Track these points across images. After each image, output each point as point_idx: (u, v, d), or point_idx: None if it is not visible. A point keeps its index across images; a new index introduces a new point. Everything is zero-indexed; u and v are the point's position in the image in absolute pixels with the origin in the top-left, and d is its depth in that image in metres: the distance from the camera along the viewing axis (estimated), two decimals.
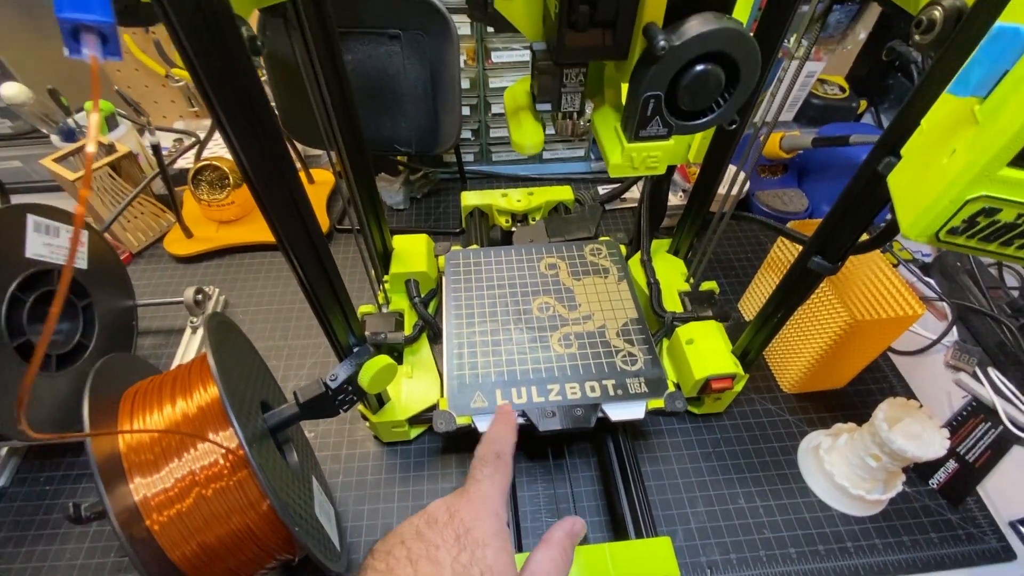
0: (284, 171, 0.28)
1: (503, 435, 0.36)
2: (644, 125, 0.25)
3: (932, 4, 0.26)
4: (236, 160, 0.26)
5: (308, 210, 0.30)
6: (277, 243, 0.31)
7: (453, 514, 0.30)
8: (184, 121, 0.88)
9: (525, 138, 0.28)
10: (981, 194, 0.21)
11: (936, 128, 0.24)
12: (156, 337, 0.61)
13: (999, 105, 0.20)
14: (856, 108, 0.85)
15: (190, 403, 0.32)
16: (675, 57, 0.22)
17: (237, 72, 0.22)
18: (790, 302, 0.41)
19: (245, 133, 0.25)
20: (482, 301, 0.50)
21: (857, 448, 0.46)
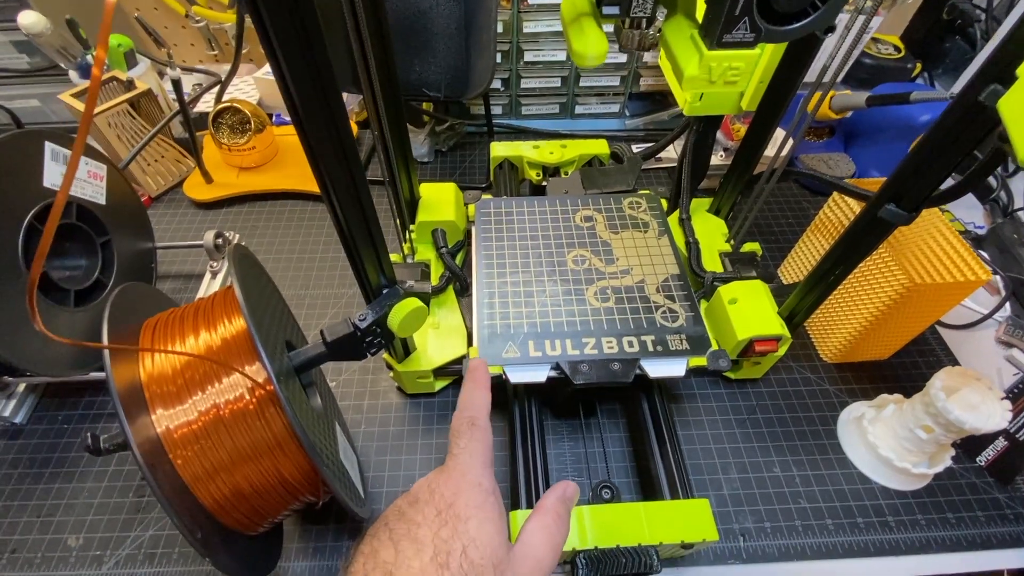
0: (335, 112, 0.26)
1: (475, 399, 0.34)
2: (729, 28, 0.22)
3: None
4: (288, 102, 0.24)
5: (354, 152, 0.28)
6: (319, 185, 0.29)
7: (434, 490, 0.29)
8: (203, 64, 0.85)
9: (588, 47, 0.25)
10: None
11: None
12: (176, 281, 0.60)
13: None
14: (911, 70, 0.80)
15: (214, 335, 0.31)
16: None
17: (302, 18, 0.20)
18: (851, 258, 0.38)
19: (300, 71, 0.23)
20: (514, 251, 0.48)
21: (906, 419, 0.44)
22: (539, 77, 0.72)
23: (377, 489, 0.45)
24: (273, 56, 0.22)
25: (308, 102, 0.25)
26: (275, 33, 0.22)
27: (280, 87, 0.24)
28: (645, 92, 0.78)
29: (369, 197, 0.32)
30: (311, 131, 0.26)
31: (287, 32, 0.22)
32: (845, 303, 0.51)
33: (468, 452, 0.31)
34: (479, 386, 0.35)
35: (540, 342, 0.41)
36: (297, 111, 0.25)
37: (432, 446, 0.48)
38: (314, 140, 0.26)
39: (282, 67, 0.23)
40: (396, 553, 0.26)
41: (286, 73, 0.23)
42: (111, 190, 0.51)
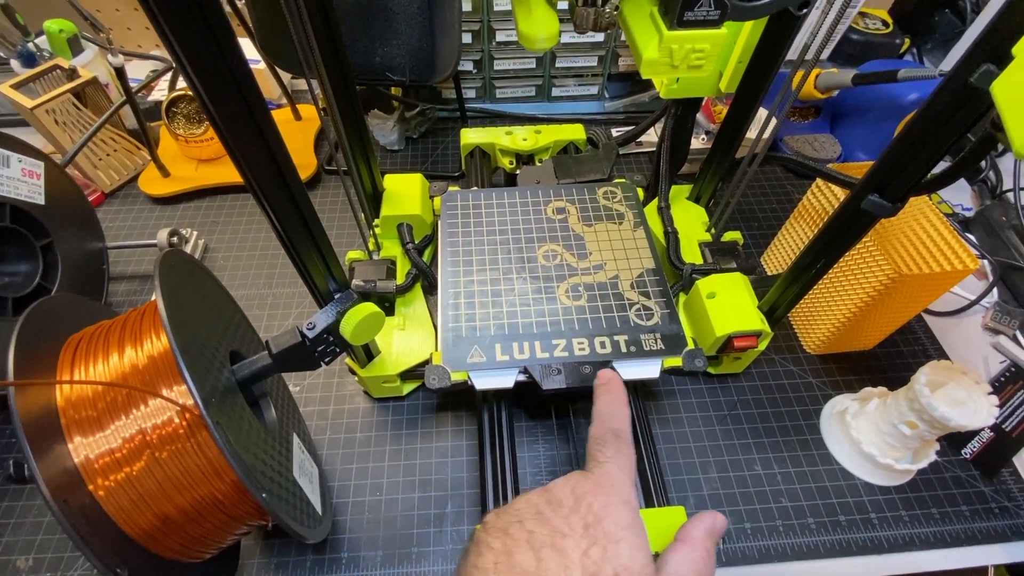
0: (250, 100, 0.23)
1: (616, 410, 0.32)
2: (691, 5, 0.19)
3: None
4: (193, 89, 0.21)
5: (279, 143, 0.25)
6: (246, 184, 0.26)
7: (580, 498, 0.26)
8: (160, 49, 0.80)
9: (536, 28, 0.22)
10: None
11: None
12: (131, 283, 0.57)
13: None
14: (900, 46, 0.77)
15: (140, 353, 0.28)
16: None
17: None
18: (834, 250, 0.36)
19: (201, 51, 0.20)
20: (481, 247, 0.45)
21: (890, 414, 0.42)
22: (513, 58, 0.69)
23: (343, 499, 0.43)
24: (163, 33, 0.19)
25: (218, 94, 0.22)
26: (167, 19, 0.19)
27: (180, 70, 0.21)
28: (625, 73, 0.75)
29: (305, 196, 0.29)
30: (226, 123, 0.23)
31: (183, 18, 0.19)
32: (829, 294, 0.49)
33: (616, 464, 0.28)
34: (617, 399, 0.33)
35: (508, 345, 0.39)
36: (208, 105, 0.22)
37: (401, 452, 0.46)
38: (231, 133, 0.24)
39: (176, 48, 0.20)
40: (538, 561, 0.23)
41: (182, 56, 0.20)
42: (51, 188, 0.48)
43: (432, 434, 0.47)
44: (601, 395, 0.33)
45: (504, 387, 0.38)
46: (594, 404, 0.33)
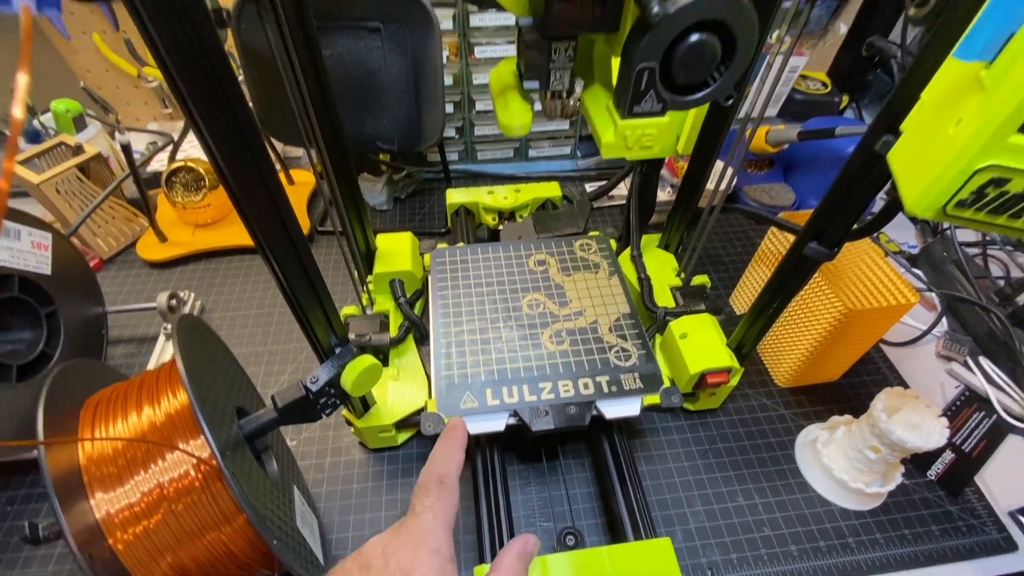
0: (260, 163, 0.26)
1: (448, 457, 0.33)
2: (638, 100, 0.24)
3: None
4: (208, 153, 0.25)
5: (285, 204, 0.29)
6: (254, 242, 0.29)
7: (389, 556, 0.27)
8: (158, 123, 0.85)
9: (513, 118, 0.27)
10: (991, 163, 0.20)
11: (939, 98, 0.23)
12: (128, 345, 0.59)
13: (1007, 68, 0.19)
14: (839, 103, 0.86)
15: (158, 410, 0.30)
16: (670, 25, 0.21)
17: (203, 46, 0.21)
18: (785, 292, 0.40)
19: (217, 120, 0.23)
20: (470, 299, 0.49)
21: (855, 440, 0.45)
22: (492, 124, 0.75)
23: (341, 552, 0.44)
24: (184, 104, 0.22)
25: (229, 152, 0.24)
26: (190, 93, 0.22)
27: (198, 138, 0.24)
28: None
29: (309, 253, 0.32)
30: (236, 182, 0.26)
31: (203, 90, 0.22)
32: (791, 330, 0.53)
33: (432, 512, 0.29)
34: (454, 445, 0.34)
35: (498, 390, 0.42)
36: (218, 160, 0.25)
37: (397, 501, 0.47)
38: (242, 193, 0.26)
39: (195, 115, 0.23)
40: None
41: (200, 121, 0.23)
42: (57, 258, 0.50)
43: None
44: (440, 441, 0.34)
45: (496, 430, 0.40)
46: (432, 450, 0.34)
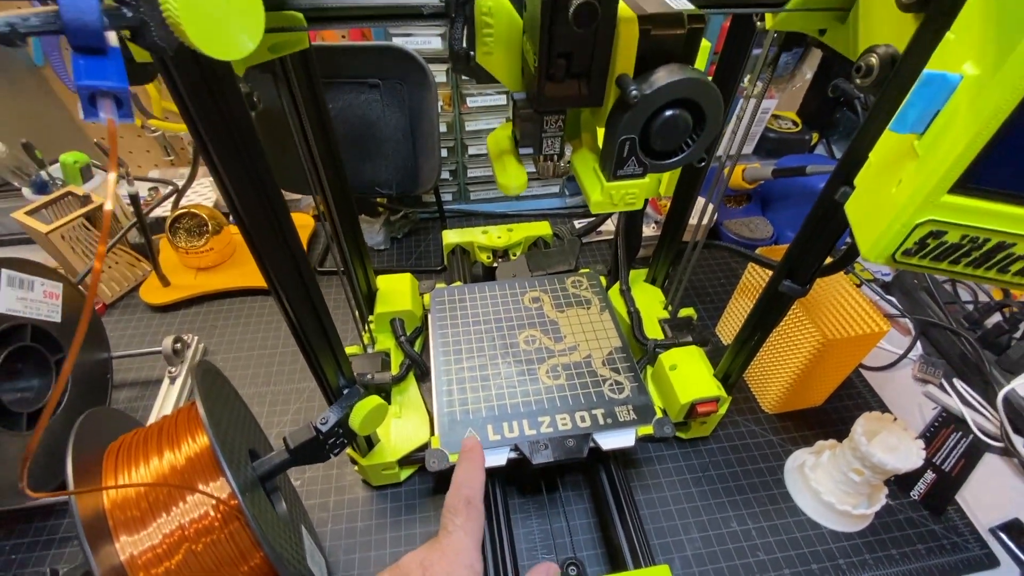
0: (279, 214, 0.28)
1: (471, 477, 0.35)
2: (621, 165, 0.27)
3: (869, 52, 0.29)
4: (230, 205, 0.27)
5: (300, 250, 0.31)
6: (267, 283, 0.31)
7: (426, 569, 0.29)
8: (159, 170, 0.88)
9: (510, 179, 0.30)
10: (927, 219, 0.23)
11: (882, 161, 0.26)
12: (132, 389, 0.60)
13: (935, 140, 0.22)
14: (809, 140, 0.91)
15: (178, 454, 0.31)
16: (647, 104, 0.25)
17: (236, 126, 0.23)
18: (765, 325, 0.43)
19: (241, 181, 0.26)
20: (469, 337, 0.51)
21: (840, 464, 0.48)
22: (484, 167, 0.79)
23: None
24: (215, 170, 0.25)
25: (251, 208, 0.27)
26: (216, 152, 0.24)
27: (220, 191, 0.26)
28: None
29: (319, 293, 0.34)
30: (255, 233, 0.28)
31: (227, 150, 0.24)
32: (774, 359, 0.56)
33: (464, 531, 0.31)
34: (474, 465, 0.36)
35: (499, 425, 0.44)
36: (240, 213, 0.27)
37: (401, 538, 0.48)
38: (259, 241, 0.28)
39: (223, 177, 0.25)
40: None
41: (226, 181, 0.25)
42: (67, 306, 0.52)
43: (430, 518, 0.49)
44: (460, 462, 0.36)
45: (498, 465, 0.42)
46: (454, 472, 0.35)
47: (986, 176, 0.21)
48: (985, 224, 0.23)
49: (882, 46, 0.28)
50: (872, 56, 0.29)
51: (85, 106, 0.16)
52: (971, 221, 0.23)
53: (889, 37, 0.29)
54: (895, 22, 0.28)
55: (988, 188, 0.22)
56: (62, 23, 0.15)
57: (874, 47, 0.29)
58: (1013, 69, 0.19)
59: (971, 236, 0.23)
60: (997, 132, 0.20)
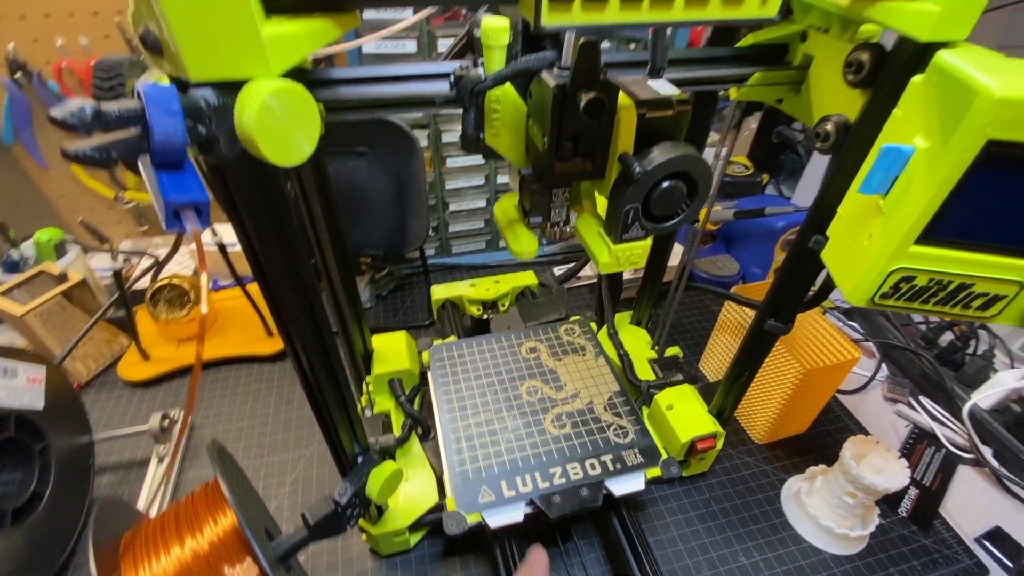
0: (307, 283, 0.29)
1: None
2: (627, 230, 0.29)
3: (824, 120, 0.33)
4: (259, 276, 0.28)
5: (323, 317, 0.32)
6: (288, 349, 0.32)
7: None
8: (131, 240, 0.86)
9: (523, 246, 0.32)
10: (899, 266, 0.27)
11: (852, 216, 0.30)
12: (114, 474, 0.57)
13: (898, 201, 0.26)
14: (761, 182, 0.99)
15: (200, 539, 0.31)
16: (648, 178, 0.28)
17: (276, 211, 0.25)
18: (754, 361, 0.46)
19: (274, 256, 0.27)
20: (472, 392, 0.52)
21: (833, 488, 0.50)
22: (464, 222, 0.82)
23: None
24: (248, 243, 0.26)
25: (280, 278, 0.27)
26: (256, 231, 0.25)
27: (252, 266, 0.27)
28: None
29: (339, 358, 0.35)
30: (283, 303, 0.29)
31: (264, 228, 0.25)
32: (761, 391, 0.59)
33: None
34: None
35: (512, 480, 0.44)
36: (271, 287, 0.28)
37: None
38: (286, 311, 0.29)
39: (257, 250, 0.26)
40: None
41: (260, 254, 0.26)
42: (49, 391, 0.50)
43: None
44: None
45: (515, 522, 0.42)
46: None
47: (945, 229, 0.25)
48: (948, 268, 0.26)
49: (835, 115, 0.33)
50: (828, 124, 0.33)
51: (169, 218, 0.17)
52: (935, 267, 0.26)
53: (840, 108, 0.33)
54: (845, 96, 0.32)
55: (947, 238, 0.25)
56: (151, 143, 0.17)
57: (828, 116, 0.33)
58: (959, 143, 0.23)
59: (937, 279, 0.27)
60: (950, 194, 0.24)
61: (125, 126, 0.17)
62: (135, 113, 0.16)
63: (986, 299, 0.27)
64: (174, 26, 0.17)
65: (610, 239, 0.30)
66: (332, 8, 0.21)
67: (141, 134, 0.17)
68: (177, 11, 0.16)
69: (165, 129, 0.16)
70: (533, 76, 0.29)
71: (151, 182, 0.17)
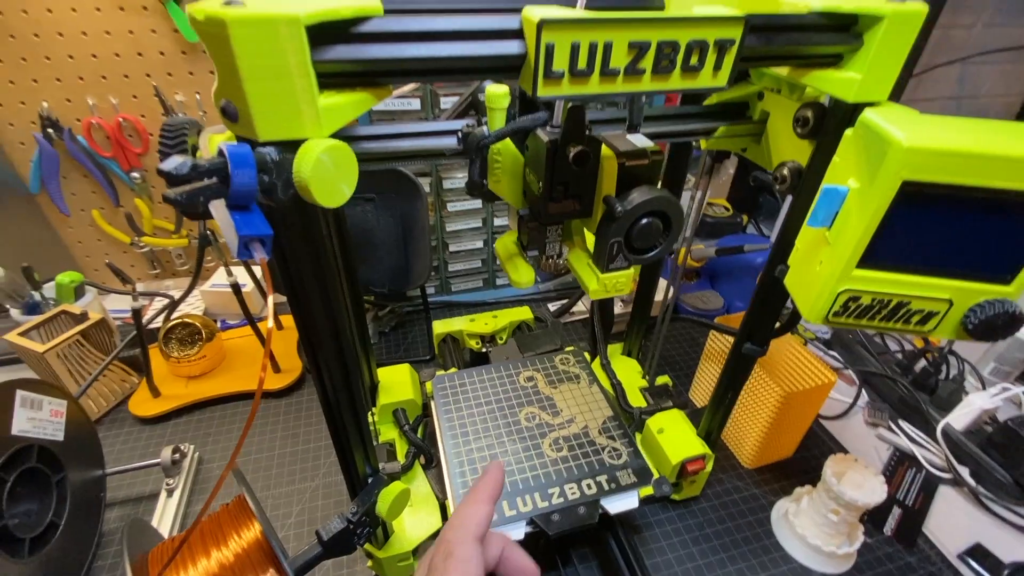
0: (336, 315, 0.33)
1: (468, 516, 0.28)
2: (612, 261, 0.34)
3: (781, 166, 0.39)
4: (295, 308, 0.32)
5: (349, 347, 0.35)
6: (315, 379, 0.35)
7: None
8: (144, 283, 0.90)
9: (522, 277, 0.37)
10: (845, 288, 0.31)
11: (806, 247, 0.35)
12: (123, 507, 0.58)
13: (840, 232, 0.31)
14: (741, 223, 1.05)
15: (226, 551, 0.33)
16: (628, 216, 0.32)
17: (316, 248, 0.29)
18: (735, 384, 0.49)
19: (312, 289, 0.31)
20: (474, 419, 0.54)
21: (818, 506, 0.53)
22: (463, 262, 0.86)
23: None
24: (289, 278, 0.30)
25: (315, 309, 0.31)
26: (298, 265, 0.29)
27: (290, 301, 0.31)
28: None
29: (359, 387, 0.38)
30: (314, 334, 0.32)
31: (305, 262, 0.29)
32: (746, 416, 0.62)
33: None
34: (479, 498, 0.29)
35: (513, 500, 0.47)
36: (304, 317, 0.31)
37: None
38: (317, 342, 0.32)
39: (296, 285, 0.30)
40: None
41: (298, 288, 0.30)
42: (69, 423, 0.52)
43: None
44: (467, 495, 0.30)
45: (516, 540, 0.44)
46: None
47: (880, 255, 0.30)
48: (886, 289, 0.31)
49: (790, 162, 0.38)
50: (785, 169, 0.38)
51: (240, 250, 0.21)
52: (876, 288, 0.31)
53: (794, 155, 0.38)
54: (796, 145, 0.38)
55: (883, 263, 0.30)
56: (230, 191, 0.21)
57: (785, 162, 0.39)
58: (880, 184, 0.28)
59: (878, 298, 0.31)
60: (879, 225, 0.29)
61: (210, 177, 0.21)
62: (219, 166, 0.21)
63: (922, 315, 0.31)
64: (252, 99, 0.21)
65: (598, 269, 0.34)
66: (370, 85, 0.26)
67: (219, 183, 0.21)
68: (257, 89, 0.21)
69: (243, 179, 0.21)
70: (529, 133, 0.34)
71: (224, 220, 0.22)
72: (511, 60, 0.25)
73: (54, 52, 0.69)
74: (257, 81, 0.21)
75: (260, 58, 0.21)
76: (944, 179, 0.27)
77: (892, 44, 0.30)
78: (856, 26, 0.31)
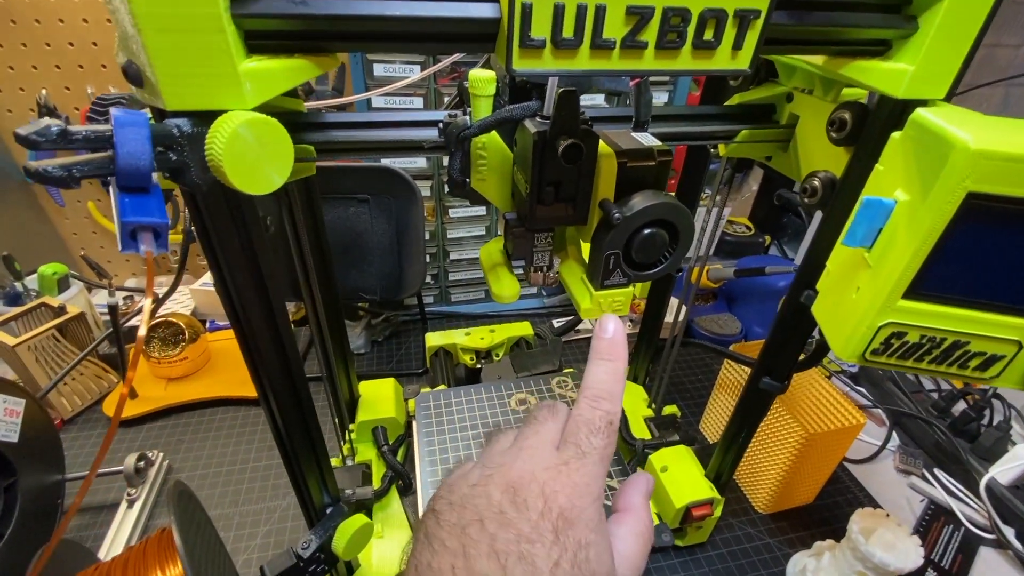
0: (280, 324, 0.29)
1: (613, 387, 0.25)
2: (608, 276, 0.29)
3: (811, 176, 0.33)
4: (232, 315, 0.28)
5: (297, 359, 0.31)
6: (258, 392, 0.31)
7: (548, 496, 0.22)
8: (136, 279, 0.87)
9: (504, 289, 0.32)
10: (888, 321, 0.26)
11: (840, 269, 0.29)
12: (82, 516, 0.54)
13: (883, 254, 0.25)
14: (763, 243, 0.99)
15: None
16: (628, 224, 0.27)
17: (251, 247, 0.25)
18: (750, 422, 0.43)
19: (249, 294, 0.27)
20: (456, 444, 0.50)
21: (842, 566, 0.46)
22: (464, 271, 0.82)
23: None
24: (222, 277, 0.25)
25: (254, 316, 0.27)
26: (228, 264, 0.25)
27: (224, 302, 0.27)
28: None
29: (311, 403, 0.33)
30: (253, 342, 0.28)
31: (239, 262, 0.25)
32: (762, 456, 0.56)
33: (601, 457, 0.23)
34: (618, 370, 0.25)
35: None
36: (242, 325, 0.27)
37: None
38: (256, 349, 0.28)
39: (229, 286, 0.26)
40: (502, 570, 0.20)
41: (233, 291, 0.26)
42: (27, 423, 0.49)
43: None
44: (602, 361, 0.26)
45: None
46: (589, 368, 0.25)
47: (933, 283, 0.24)
48: (939, 325, 0.25)
49: (822, 171, 0.33)
50: (815, 180, 0.33)
51: (125, 239, 0.17)
52: (927, 323, 0.25)
53: (826, 164, 0.33)
54: (830, 152, 0.33)
55: (937, 293, 0.25)
56: (115, 167, 0.17)
57: (815, 172, 0.33)
58: (938, 197, 0.22)
59: (929, 336, 0.26)
60: (935, 247, 0.23)
61: (94, 148, 0.17)
62: (103, 135, 0.17)
63: (983, 359, 0.26)
64: (153, 58, 0.17)
65: (592, 285, 0.30)
66: (312, 50, 0.22)
67: (111, 157, 0.17)
68: (157, 45, 0.17)
69: (131, 152, 0.17)
70: (518, 124, 0.29)
71: (114, 203, 0.17)
72: (483, 25, 0.21)
73: (54, 39, 0.68)
74: (158, 33, 0.17)
75: (160, 3, 0.17)
76: (1020, 192, 0.22)
77: (954, 29, 0.25)
78: (910, 6, 0.25)
